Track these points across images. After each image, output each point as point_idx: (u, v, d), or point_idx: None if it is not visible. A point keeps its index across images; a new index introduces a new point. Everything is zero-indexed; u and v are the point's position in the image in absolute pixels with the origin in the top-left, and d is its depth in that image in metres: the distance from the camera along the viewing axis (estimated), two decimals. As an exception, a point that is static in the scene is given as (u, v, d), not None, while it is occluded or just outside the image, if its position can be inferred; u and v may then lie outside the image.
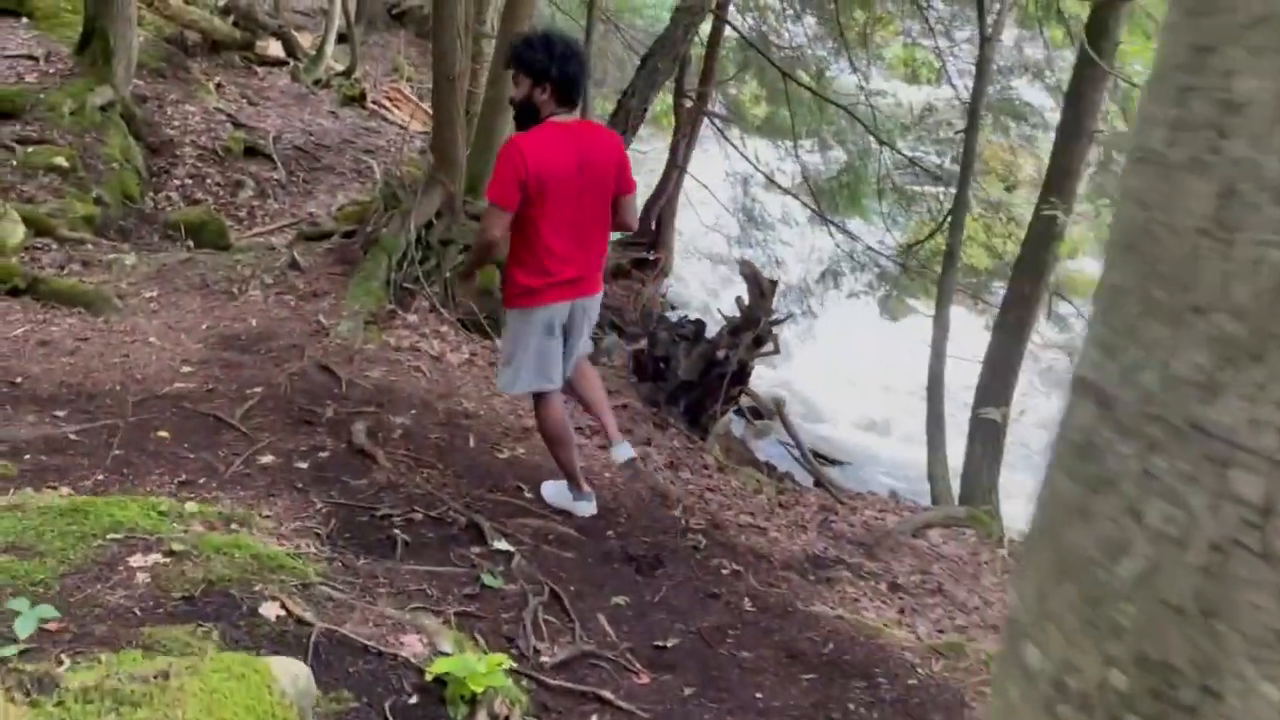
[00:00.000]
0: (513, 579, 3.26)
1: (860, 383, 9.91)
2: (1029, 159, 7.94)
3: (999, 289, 8.30)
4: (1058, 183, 5.35)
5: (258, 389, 4.61)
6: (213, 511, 3.06)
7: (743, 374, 5.51)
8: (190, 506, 3.02)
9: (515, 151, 3.46)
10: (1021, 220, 8.45)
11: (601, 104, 16.24)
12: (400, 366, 5.18)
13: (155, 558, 2.49)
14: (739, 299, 5.53)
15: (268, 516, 3.37)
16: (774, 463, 6.93)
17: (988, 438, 5.67)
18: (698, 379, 5.51)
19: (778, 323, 5.56)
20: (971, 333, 7.39)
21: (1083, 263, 8.92)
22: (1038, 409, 5.69)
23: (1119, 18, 5.11)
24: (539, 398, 3.88)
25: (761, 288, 5.41)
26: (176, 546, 2.54)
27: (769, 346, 5.48)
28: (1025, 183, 8.34)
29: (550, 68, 3.47)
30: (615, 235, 5.28)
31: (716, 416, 5.73)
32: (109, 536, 2.55)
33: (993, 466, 5.75)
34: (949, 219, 6.55)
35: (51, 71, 8.26)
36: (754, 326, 5.44)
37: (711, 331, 6.20)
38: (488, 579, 3.20)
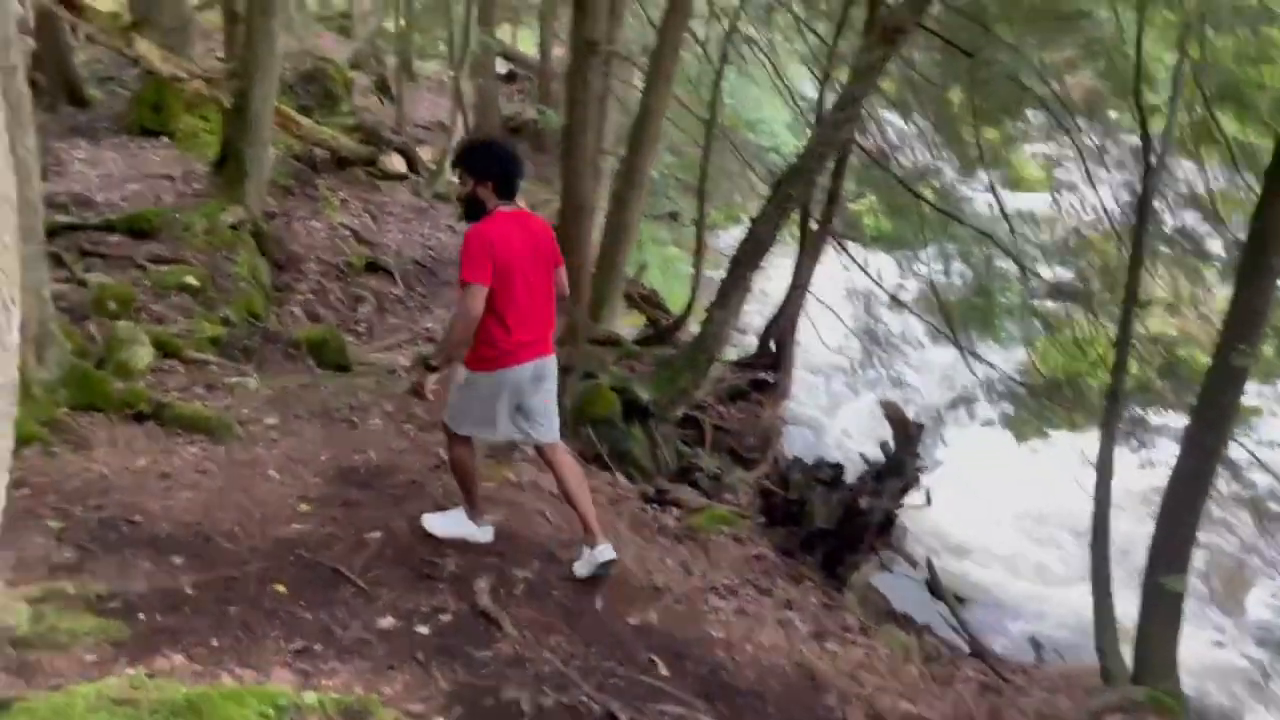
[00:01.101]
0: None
1: (994, 513, 9.30)
2: (1186, 284, 7.41)
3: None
4: (1242, 326, 4.85)
5: (376, 533, 4.38)
6: (332, 703, 2.77)
7: (887, 524, 5.07)
8: (309, 698, 2.74)
9: (481, 237, 3.96)
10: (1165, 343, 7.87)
11: (715, 215, 16.23)
12: (522, 508, 4.90)
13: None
14: (884, 443, 5.13)
15: (388, 699, 3.08)
16: (910, 612, 6.39)
17: (1165, 606, 5.07)
18: (837, 528, 5.08)
19: (924, 470, 5.12)
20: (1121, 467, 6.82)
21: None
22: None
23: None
24: (461, 437, 4.30)
25: (908, 432, 5.01)
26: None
27: (918, 497, 5.04)
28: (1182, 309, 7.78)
29: (493, 167, 4.03)
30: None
31: (856, 567, 5.28)
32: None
33: (1171, 639, 5.13)
34: (1111, 352, 6.07)
35: (187, 191, 8.50)
36: (899, 473, 5.01)
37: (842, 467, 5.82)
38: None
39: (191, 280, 7.20)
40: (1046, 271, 8.23)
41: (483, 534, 4.44)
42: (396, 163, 12.19)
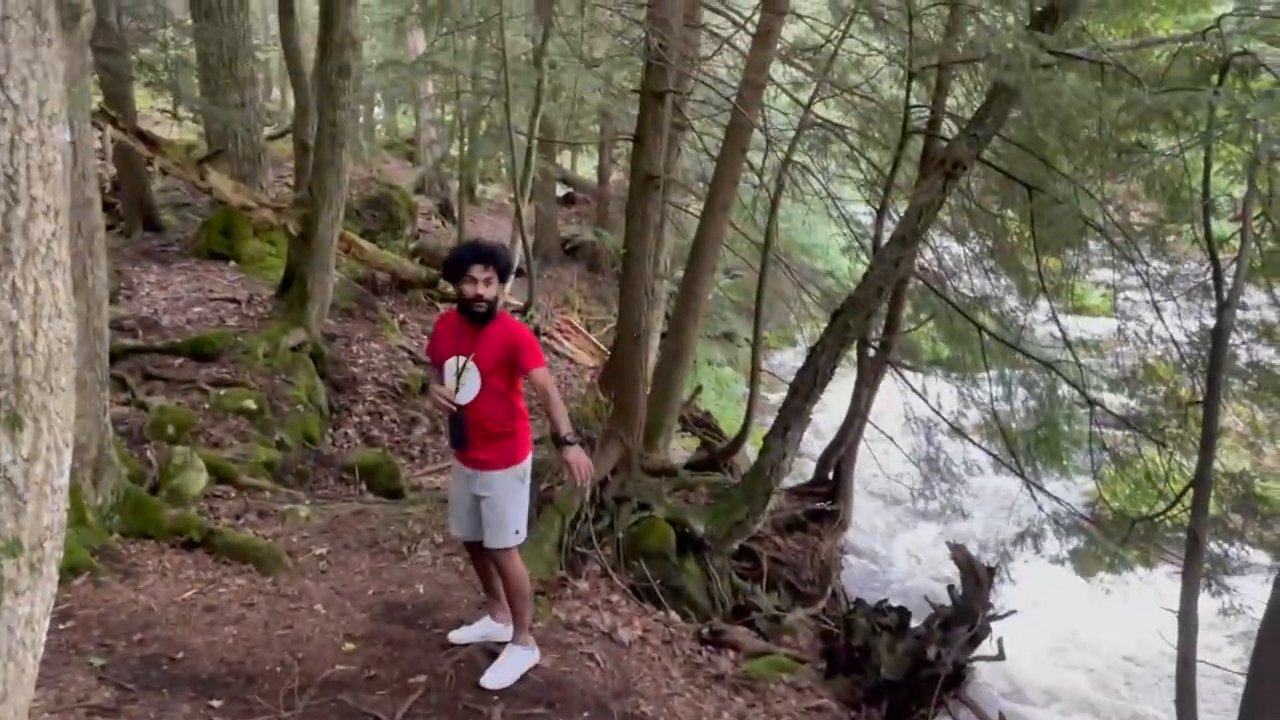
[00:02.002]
0: None
1: (1068, 657, 8.84)
2: (1263, 417, 7.12)
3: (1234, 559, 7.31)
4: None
5: (421, 677, 4.24)
6: None
7: (957, 676, 4.78)
8: None
9: (528, 330, 4.21)
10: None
11: (770, 337, 16.22)
12: (571, 652, 4.71)
13: None
14: (951, 588, 4.88)
15: None
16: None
17: (1265, 775, 4.67)
18: (904, 679, 4.81)
19: (997, 618, 4.85)
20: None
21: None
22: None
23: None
24: (516, 550, 4.23)
25: (978, 577, 4.77)
26: None
27: (990, 649, 4.76)
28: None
29: (508, 269, 4.12)
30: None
31: (924, 721, 4.97)
32: None
33: (1272, 812, 4.71)
34: (1188, 494, 5.78)
35: (251, 315, 8.66)
36: (969, 621, 4.75)
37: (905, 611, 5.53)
38: None
39: (250, 403, 7.27)
40: (1112, 401, 7.98)
41: (537, 654, 4.46)
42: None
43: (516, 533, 4.17)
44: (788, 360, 16.29)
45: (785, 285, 12.77)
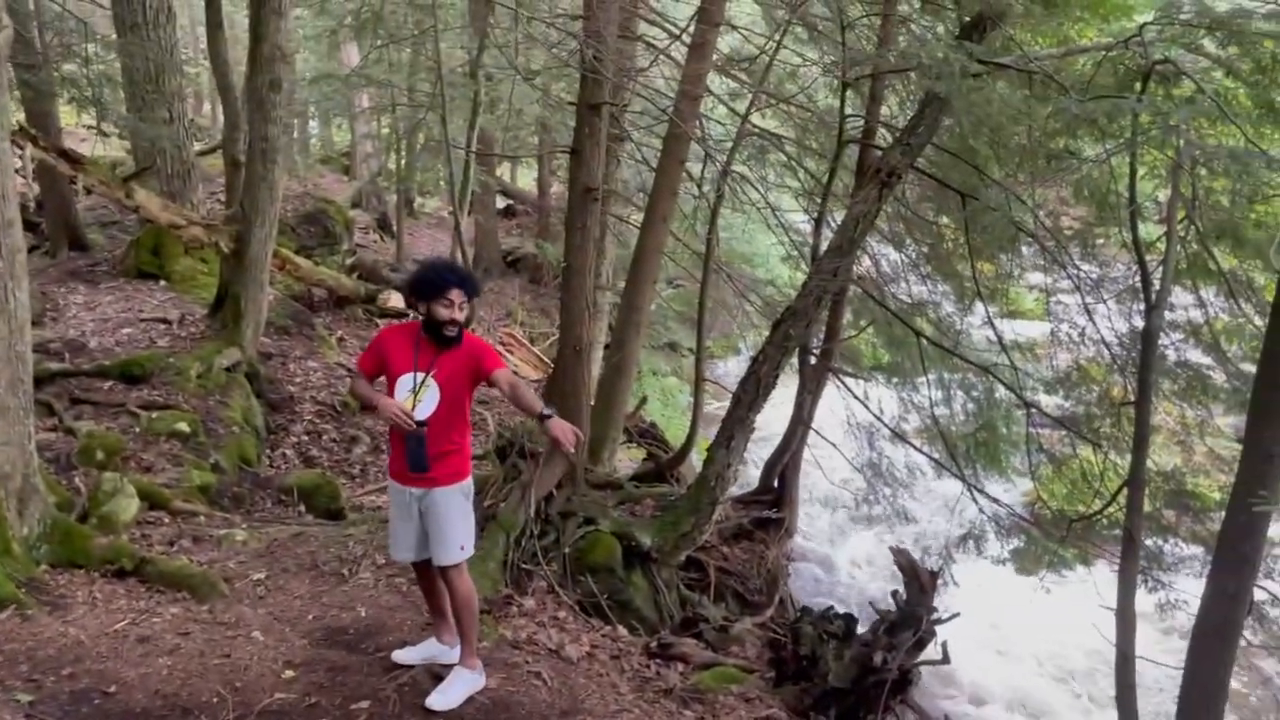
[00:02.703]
0: None
1: (1011, 656, 8.97)
2: (1192, 415, 7.30)
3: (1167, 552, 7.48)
4: (1256, 468, 4.71)
5: (364, 703, 4.14)
6: None
7: (904, 682, 4.81)
8: None
9: (480, 338, 4.20)
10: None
11: (713, 346, 16.28)
12: (518, 671, 4.65)
13: None
14: (895, 593, 4.92)
15: None
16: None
17: (1202, 766, 4.77)
18: (851, 686, 4.82)
19: (941, 621, 4.90)
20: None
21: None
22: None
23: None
24: (465, 566, 4.20)
25: (921, 582, 4.81)
26: None
27: (935, 653, 4.80)
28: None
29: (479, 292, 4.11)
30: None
31: (872, 727, 4.99)
32: None
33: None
34: (1122, 493, 5.90)
35: (183, 335, 8.46)
36: (914, 626, 4.79)
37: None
38: None
39: (183, 426, 7.08)
40: (1048, 403, 8.13)
41: (483, 678, 4.38)
42: (395, 300, 12.24)
43: (463, 548, 4.12)
44: (732, 369, 16.36)
45: (727, 294, 12.83)
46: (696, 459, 9.49)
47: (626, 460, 10.48)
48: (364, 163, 19.04)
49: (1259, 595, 6.04)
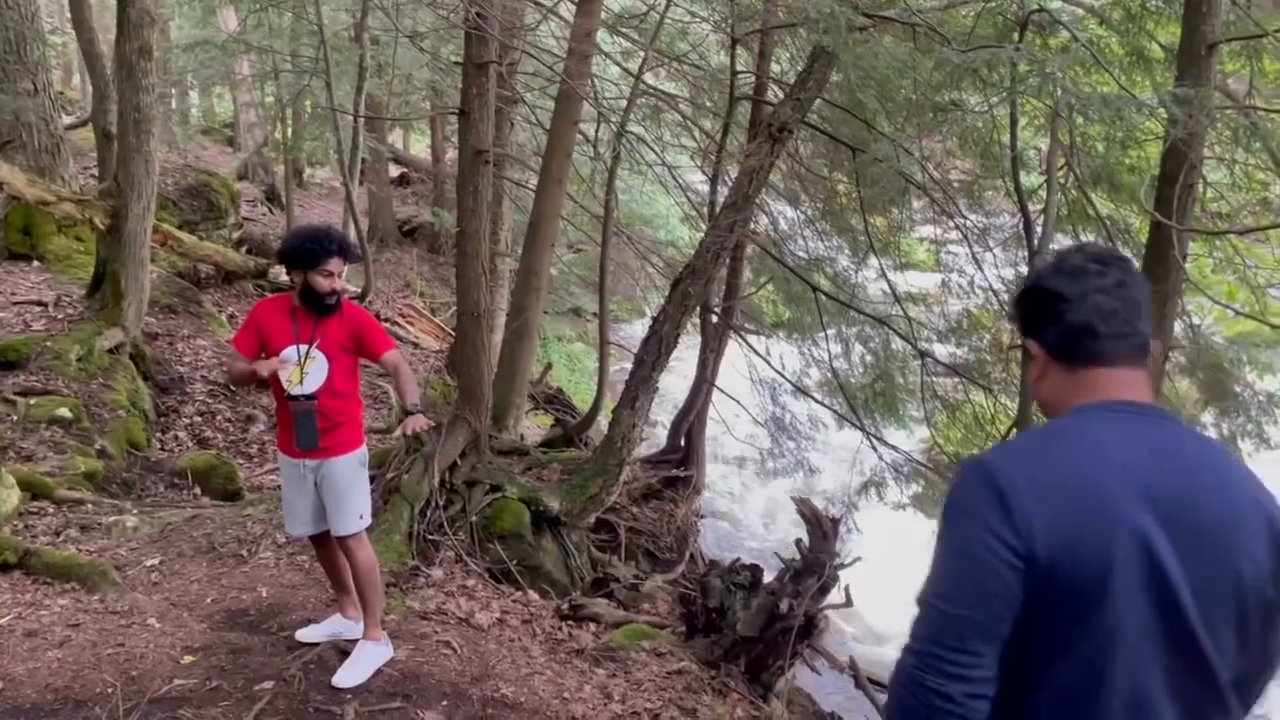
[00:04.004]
0: None
1: (912, 597, 9.24)
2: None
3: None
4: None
5: (268, 684, 4.05)
6: None
7: (810, 627, 4.92)
8: None
9: (368, 312, 4.12)
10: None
11: (617, 309, 16.26)
12: (427, 641, 4.61)
13: None
14: (799, 541, 5.01)
15: None
16: (839, 711, 6.21)
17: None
18: (759, 634, 4.91)
19: (844, 566, 5.01)
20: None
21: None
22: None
23: (1185, 224, 4.81)
24: (365, 535, 4.15)
25: (823, 529, 4.91)
26: None
27: (838, 598, 4.92)
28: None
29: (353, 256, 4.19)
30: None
31: (782, 673, 5.10)
32: None
33: None
34: (1012, 434, 6.11)
35: (60, 316, 8.06)
36: (818, 572, 4.89)
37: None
38: None
39: (64, 412, 6.76)
40: (942, 352, 8.36)
41: (390, 649, 4.32)
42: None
43: (361, 517, 4.06)
44: (637, 331, 16.38)
45: (629, 257, 12.82)
46: (605, 422, 9.51)
47: (535, 427, 10.42)
48: (248, 133, 18.34)
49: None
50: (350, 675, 4.07)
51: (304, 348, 3.86)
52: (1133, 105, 4.44)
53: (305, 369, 3.85)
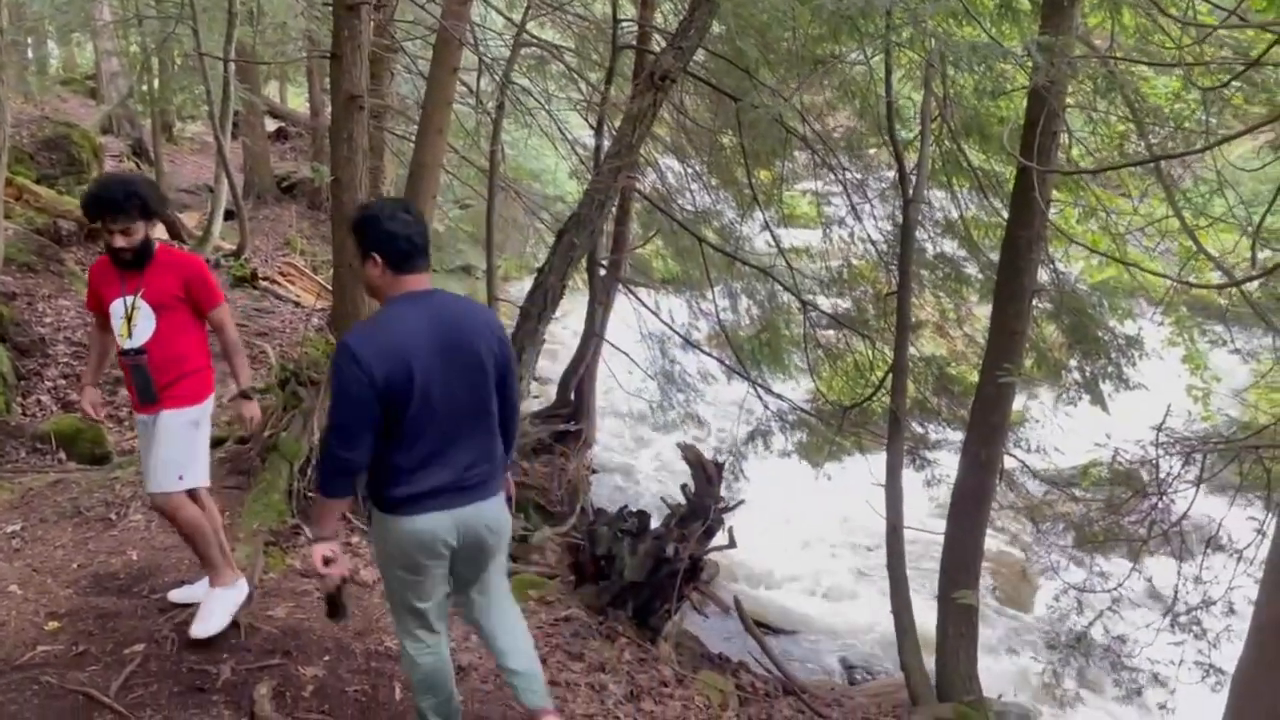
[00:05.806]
0: None
1: (798, 540, 9.52)
2: (950, 305, 7.86)
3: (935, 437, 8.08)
4: (1002, 345, 5.13)
5: (138, 646, 3.92)
6: None
7: (695, 570, 5.00)
8: None
9: (201, 262, 4.03)
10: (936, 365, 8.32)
11: (507, 266, 16.07)
12: (308, 598, 4.52)
13: None
14: (684, 486, 5.08)
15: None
16: (726, 651, 6.36)
17: (961, 621, 5.24)
18: (646, 579, 4.98)
19: (728, 510, 5.11)
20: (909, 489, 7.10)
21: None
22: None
23: (1047, 166, 5.00)
24: (190, 493, 3.97)
25: (708, 473, 4.99)
26: None
27: (722, 540, 5.01)
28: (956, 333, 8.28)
29: (154, 203, 3.78)
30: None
31: (669, 616, 5.18)
32: None
33: (969, 652, 5.31)
34: (887, 381, 6.30)
35: (-97, 277, 7.54)
36: (703, 516, 4.97)
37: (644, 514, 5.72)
38: None
39: (-90, 376, 6.36)
40: (824, 303, 8.54)
41: (244, 589, 4.16)
42: (157, 230, 11.35)
43: (182, 478, 3.85)
44: (527, 288, 16.24)
45: (517, 212, 12.67)
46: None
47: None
48: (111, 84, 17.33)
49: (1009, 463, 6.67)
50: (205, 626, 3.94)
51: (129, 300, 3.72)
52: (1000, 54, 4.57)
53: (133, 322, 3.70)
